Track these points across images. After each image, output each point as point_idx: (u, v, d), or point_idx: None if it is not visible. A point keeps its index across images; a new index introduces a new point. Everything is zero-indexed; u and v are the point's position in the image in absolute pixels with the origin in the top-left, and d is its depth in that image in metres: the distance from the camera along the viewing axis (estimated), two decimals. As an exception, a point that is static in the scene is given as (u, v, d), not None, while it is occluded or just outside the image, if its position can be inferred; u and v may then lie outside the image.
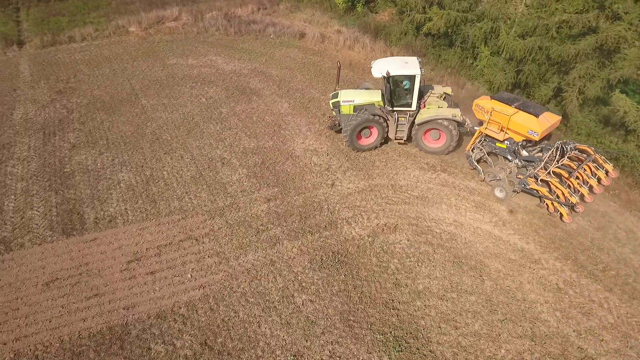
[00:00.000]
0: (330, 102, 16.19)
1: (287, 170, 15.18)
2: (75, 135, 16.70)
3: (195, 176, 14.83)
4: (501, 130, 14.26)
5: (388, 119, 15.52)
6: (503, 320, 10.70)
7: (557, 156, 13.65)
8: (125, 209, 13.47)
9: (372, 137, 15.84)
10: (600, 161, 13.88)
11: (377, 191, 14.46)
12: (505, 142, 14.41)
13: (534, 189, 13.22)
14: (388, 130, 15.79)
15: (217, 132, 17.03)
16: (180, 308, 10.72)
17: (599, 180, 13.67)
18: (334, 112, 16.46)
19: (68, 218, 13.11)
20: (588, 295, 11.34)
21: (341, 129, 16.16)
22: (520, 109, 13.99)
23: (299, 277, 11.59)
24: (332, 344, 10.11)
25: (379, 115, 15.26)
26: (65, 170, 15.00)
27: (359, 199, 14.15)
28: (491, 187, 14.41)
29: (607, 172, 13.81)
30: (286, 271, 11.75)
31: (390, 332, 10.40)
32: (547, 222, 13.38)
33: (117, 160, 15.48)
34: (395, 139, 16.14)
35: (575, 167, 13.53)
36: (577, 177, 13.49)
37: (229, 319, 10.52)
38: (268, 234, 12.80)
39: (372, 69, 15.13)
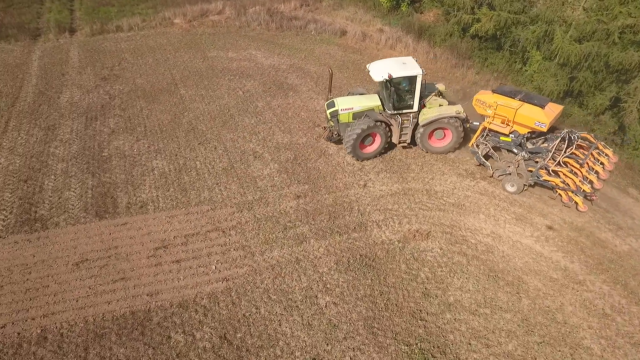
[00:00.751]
0: (328, 112, 15.09)
1: (319, 167, 14.86)
2: (115, 121, 17.08)
3: (226, 168, 14.77)
4: (506, 123, 14.10)
5: (391, 124, 14.68)
6: (540, 343, 9.90)
7: (565, 146, 13.63)
8: (157, 195, 13.58)
9: (375, 144, 14.92)
10: (601, 147, 14.03)
11: (410, 195, 13.88)
12: (510, 135, 14.21)
13: (547, 180, 13.17)
14: (391, 135, 14.93)
15: (252, 125, 16.95)
16: (203, 299, 10.61)
17: (602, 165, 13.73)
18: (331, 122, 15.24)
19: (102, 201, 13.35)
20: (639, 324, 10.32)
21: (340, 139, 15.22)
22: (525, 101, 13.80)
23: (324, 278, 11.23)
24: (353, 350, 9.68)
25: (380, 121, 14.41)
26: (103, 154, 15.34)
27: (391, 202, 13.62)
28: (501, 182, 14.01)
29: (608, 157, 13.92)
30: (311, 271, 11.42)
31: (416, 344, 9.85)
32: (595, 241, 12.37)
33: (153, 147, 15.68)
34: (399, 143, 15.35)
35: (583, 156, 13.61)
36: (586, 165, 13.60)
37: (250, 315, 10.31)
38: (295, 231, 12.51)
39: (370, 73, 14.45)
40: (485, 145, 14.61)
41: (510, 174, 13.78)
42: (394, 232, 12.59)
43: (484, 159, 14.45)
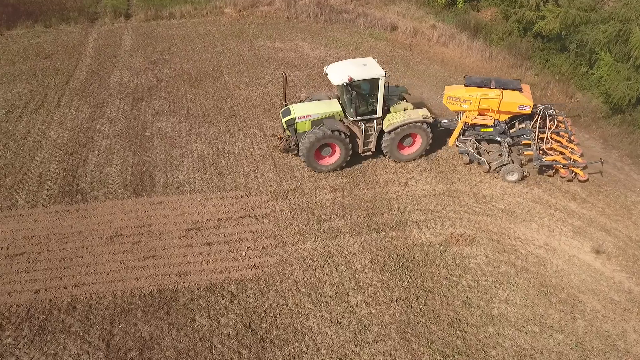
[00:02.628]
0: (283, 120, 13.42)
1: (359, 161, 14.22)
2: (159, 103, 17.25)
3: (264, 155, 14.46)
4: (490, 114, 13.61)
5: (352, 132, 13.22)
6: (597, 372, 8.79)
7: (548, 122, 13.78)
8: (194, 178, 13.45)
9: (335, 156, 13.43)
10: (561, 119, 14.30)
11: (455, 197, 12.95)
12: (500, 124, 13.78)
13: (551, 160, 13.17)
14: (355, 144, 13.41)
15: None
16: (230, 285, 10.28)
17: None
18: (287, 132, 13.65)
19: (140, 179, 13.39)
20: None
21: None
22: (502, 88, 13.34)
23: (357, 276, 10.60)
24: (383, 354, 8.99)
25: (338, 131, 12.81)
26: (146, 134, 15.47)
27: (434, 202, 12.77)
28: (501, 175, 13.44)
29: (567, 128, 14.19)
30: (344, 267, 10.82)
31: (453, 356, 9.01)
32: (668, 264, 10.96)
33: (194, 130, 15.65)
34: (363, 153, 13.90)
35: (565, 129, 14.02)
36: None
37: (277, 306, 9.85)
38: (330, 225, 11.96)
39: (328, 76, 13.06)
40: (470, 141, 13.90)
41: (507, 163, 13.17)
42: (435, 235, 11.75)
43: (477, 155, 13.72)
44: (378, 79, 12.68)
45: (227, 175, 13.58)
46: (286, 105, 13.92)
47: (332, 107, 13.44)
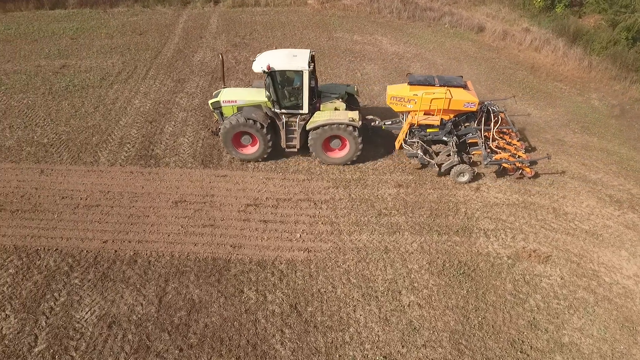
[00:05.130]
0: (210, 102, 13.16)
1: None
2: (235, 84, 17.73)
3: (330, 143, 14.22)
4: (436, 113, 12.77)
5: (274, 124, 12.68)
6: None
7: (492, 119, 13.26)
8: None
9: (255, 146, 12.90)
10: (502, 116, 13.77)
11: (532, 210, 11.79)
12: (448, 123, 12.99)
13: (500, 159, 12.61)
14: (278, 137, 12.81)
15: (364, 107, 16.16)
16: (281, 264, 10.18)
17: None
18: (215, 115, 13.44)
19: (209, 152, 13.79)
20: None
21: None
22: (447, 86, 12.56)
23: (412, 276, 9.99)
24: (432, 362, 8.33)
25: (254, 120, 12.22)
26: (220, 110, 15.93)
27: (507, 212, 11.72)
28: (451, 177, 12.66)
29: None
30: (399, 264, 10.25)
31: (511, 379, 8.12)
32: None
33: (265, 112, 15.84)
34: (287, 148, 12.98)
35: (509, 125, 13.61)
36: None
37: (325, 292, 9.56)
38: (389, 220, 11.43)
39: (253, 63, 12.29)
40: (417, 143, 13.00)
41: (457, 163, 12.43)
42: (504, 246, 10.76)
43: (426, 157, 12.91)
44: (301, 72, 11.88)
45: (290, 158, 13.54)
46: (224, 88, 13.62)
47: (261, 96, 12.88)
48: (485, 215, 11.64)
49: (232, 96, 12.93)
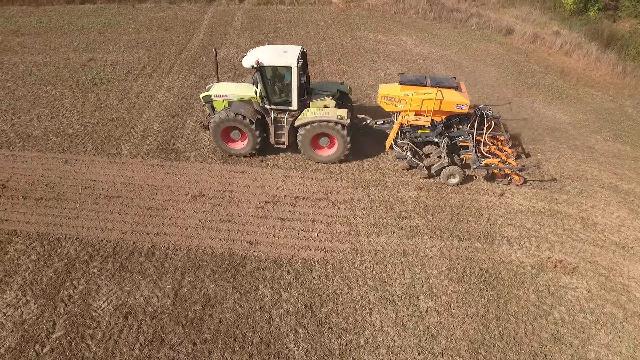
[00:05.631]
0: (201, 95, 13.28)
1: (450, 163, 13.17)
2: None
3: (351, 142, 14.05)
4: (427, 114, 12.51)
5: (263, 121, 12.69)
6: None
7: (486, 123, 12.80)
8: (278, 154, 13.53)
9: (245, 141, 12.91)
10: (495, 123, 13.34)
11: (559, 219, 11.37)
12: (440, 125, 12.75)
13: (489, 164, 12.37)
14: (267, 133, 12.82)
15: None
16: (297, 262, 10.07)
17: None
18: (206, 109, 13.61)
19: (229, 147, 13.79)
20: None
21: None
22: (439, 87, 12.30)
23: (431, 281, 9.73)
24: (449, 371, 8.08)
25: (242, 115, 12.17)
26: (241, 107, 15.95)
27: (532, 220, 11.33)
28: (441, 179, 12.41)
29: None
30: (418, 268, 10.01)
31: (532, 394, 7.79)
32: None
33: (286, 109, 15.78)
34: (276, 145, 12.86)
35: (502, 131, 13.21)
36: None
37: (340, 293, 9.40)
38: (409, 223, 11.19)
39: (244, 58, 12.38)
40: (408, 144, 12.79)
41: (448, 165, 12.17)
42: (528, 255, 10.39)
43: (415, 159, 12.64)
44: (290, 68, 11.83)
45: (310, 156, 13.43)
46: (216, 82, 13.77)
47: (251, 91, 12.80)
48: (508, 222, 11.28)
49: (223, 90, 13.08)
